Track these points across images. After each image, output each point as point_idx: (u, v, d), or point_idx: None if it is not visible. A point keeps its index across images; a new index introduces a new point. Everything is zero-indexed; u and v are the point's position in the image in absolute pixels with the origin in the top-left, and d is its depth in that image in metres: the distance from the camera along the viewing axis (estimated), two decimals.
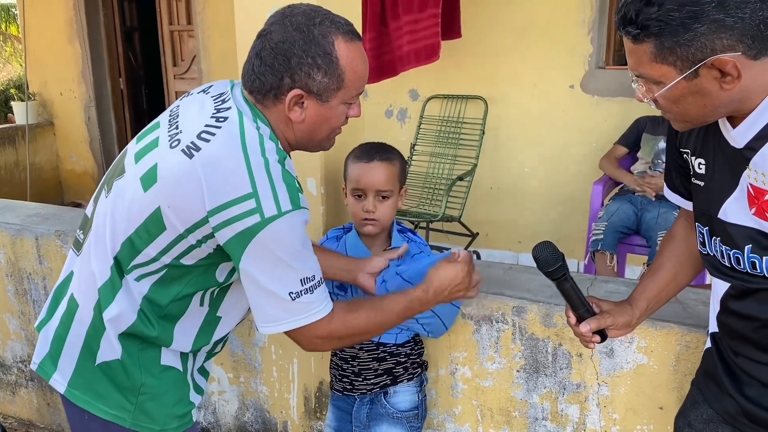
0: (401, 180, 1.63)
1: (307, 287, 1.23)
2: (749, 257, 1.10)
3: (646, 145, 3.44)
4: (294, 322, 1.24)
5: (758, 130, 1.04)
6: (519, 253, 4.25)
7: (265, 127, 1.25)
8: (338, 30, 1.22)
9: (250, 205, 1.15)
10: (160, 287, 1.28)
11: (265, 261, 1.19)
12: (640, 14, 0.99)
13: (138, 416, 1.34)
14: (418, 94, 4.37)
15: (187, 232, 1.20)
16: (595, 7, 3.76)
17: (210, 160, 1.17)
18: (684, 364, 1.57)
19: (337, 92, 1.24)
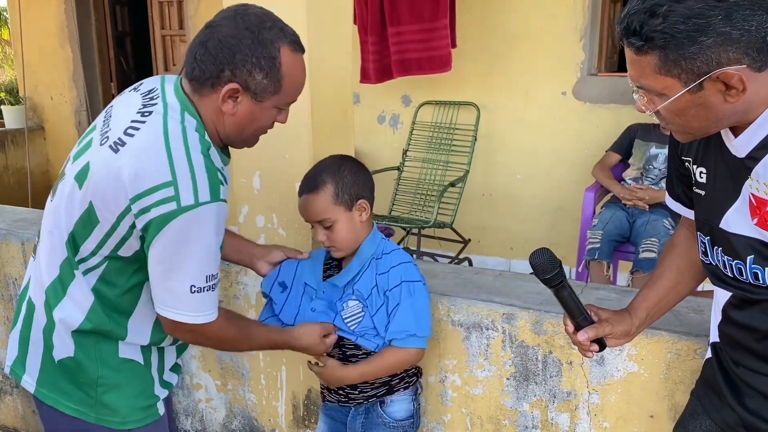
0: (343, 200, 1.53)
1: (209, 284, 1.26)
2: (751, 268, 1.09)
3: (637, 152, 3.45)
4: (184, 316, 1.27)
5: (760, 140, 1.03)
6: (511, 259, 4.24)
7: (191, 119, 1.27)
8: (285, 38, 1.26)
9: (168, 192, 1.18)
10: (105, 281, 1.31)
11: (174, 250, 1.21)
12: (644, 26, 0.96)
13: (100, 410, 1.37)
14: (410, 100, 4.36)
15: (117, 222, 1.23)
16: (587, 14, 3.77)
17: (133, 152, 1.22)
18: (675, 372, 1.56)
19: (272, 95, 1.28)
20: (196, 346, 2.07)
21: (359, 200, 1.57)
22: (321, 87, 1.82)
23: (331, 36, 1.85)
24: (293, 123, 1.81)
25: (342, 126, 1.95)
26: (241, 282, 2.06)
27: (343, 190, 1.54)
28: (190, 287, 1.24)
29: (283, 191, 1.86)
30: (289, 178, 1.86)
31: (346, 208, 1.55)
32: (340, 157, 1.62)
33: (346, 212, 1.55)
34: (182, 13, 5.21)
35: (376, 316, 1.56)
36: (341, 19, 1.89)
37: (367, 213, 1.59)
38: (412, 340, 1.56)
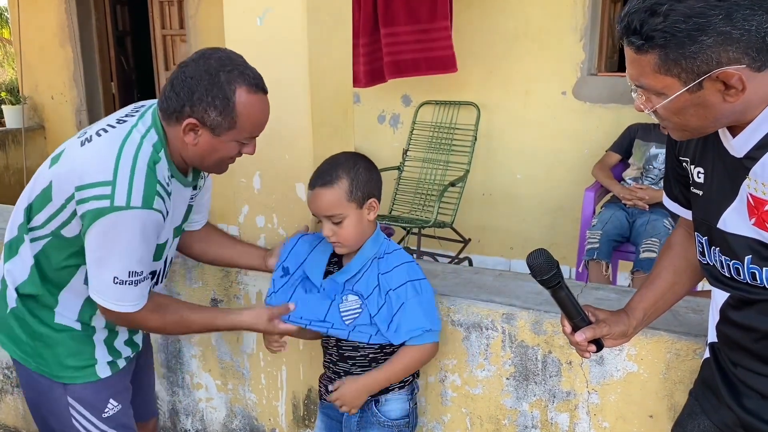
0: (356, 197, 1.54)
1: (132, 279, 1.40)
2: (749, 268, 1.09)
3: (637, 152, 3.45)
4: (111, 305, 1.42)
5: (758, 140, 1.03)
6: (511, 259, 4.24)
7: (154, 135, 1.43)
8: (243, 81, 1.39)
9: (105, 190, 1.33)
10: (46, 252, 1.47)
11: (102, 242, 1.36)
12: (644, 24, 0.96)
13: (38, 360, 1.53)
14: (410, 100, 4.36)
15: (62, 206, 1.39)
16: (588, 14, 3.77)
17: (92, 150, 1.39)
18: (674, 372, 1.56)
19: (228, 131, 1.41)
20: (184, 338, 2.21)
21: (370, 199, 1.58)
22: (321, 87, 1.82)
23: (331, 36, 1.85)
24: (293, 123, 1.82)
25: (342, 126, 1.95)
26: (241, 282, 2.06)
27: (357, 187, 1.54)
28: (113, 278, 1.38)
29: (283, 191, 1.87)
30: (289, 178, 1.86)
31: (358, 206, 1.55)
32: (354, 154, 1.63)
33: (357, 209, 1.55)
34: (183, 13, 5.21)
35: (378, 316, 1.56)
36: (341, 19, 1.90)
37: (375, 212, 1.60)
38: (428, 335, 1.59)
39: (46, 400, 1.57)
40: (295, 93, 1.78)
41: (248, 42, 1.79)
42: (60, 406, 1.56)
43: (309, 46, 1.75)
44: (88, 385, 1.57)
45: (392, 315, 1.56)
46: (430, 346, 1.60)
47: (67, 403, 1.55)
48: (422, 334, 1.57)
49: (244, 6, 1.79)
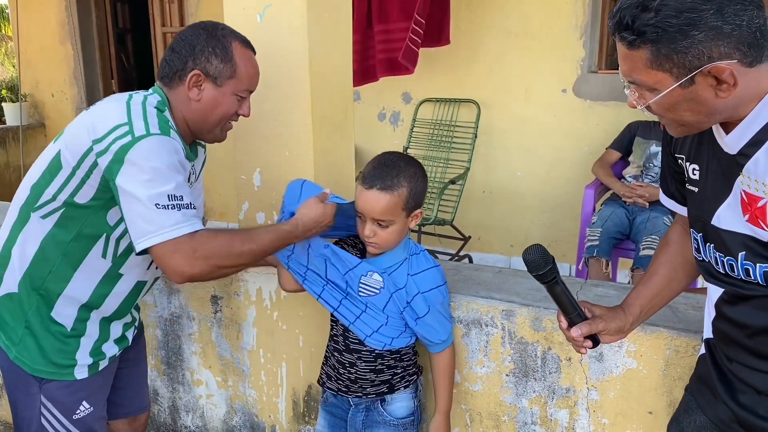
0: (409, 207, 1.53)
1: (173, 203, 1.37)
2: (743, 264, 1.09)
3: (637, 149, 3.45)
4: (161, 236, 1.35)
5: (751, 137, 1.04)
6: (511, 257, 4.24)
7: (157, 96, 1.50)
8: (236, 38, 1.53)
9: (124, 130, 1.38)
10: (61, 225, 1.47)
11: (136, 174, 1.35)
12: (636, 20, 0.96)
13: (21, 350, 1.53)
14: (410, 97, 4.36)
15: (77, 165, 1.41)
16: (588, 11, 3.76)
17: (99, 108, 1.46)
18: (673, 368, 1.57)
19: (229, 79, 1.50)
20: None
21: (418, 209, 1.57)
22: (321, 84, 1.82)
23: (332, 33, 1.85)
24: (294, 120, 1.82)
25: (342, 123, 1.95)
26: (242, 279, 2.07)
27: (413, 197, 1.53)
28: (155, 204, 1.35)
29: (283, 188, 1.86)
30: (289, 175, 1.86)
31: (407, 214, 1.55)
32: (412, 160, 1.59)
33: (405, 218, 1.55)
34: (183, 11, 5.21)
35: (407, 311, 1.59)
36: (341, 16, 1.90)
37: (417, 220, 1.58)
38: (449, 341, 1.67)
39: (21, 393, 1.57)
40: (296, 90, 1.79)
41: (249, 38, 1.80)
42: (32, 402, 1.56)
43: (309, 43, 1.75)
44: (64, 385, 1.56)
45: (417, 317, 1.60)
46: (453, 345, 1.69)
47: (40, 401, 1.55)
48: (446, 339, 1.65)
49: (245, 3, 1.79)
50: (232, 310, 2.12)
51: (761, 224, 1.04)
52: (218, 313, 2.15)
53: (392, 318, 1.60)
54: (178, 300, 2.21)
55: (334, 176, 1.93)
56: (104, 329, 1.62)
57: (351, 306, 1.62)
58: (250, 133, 1.88)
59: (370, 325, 1.61)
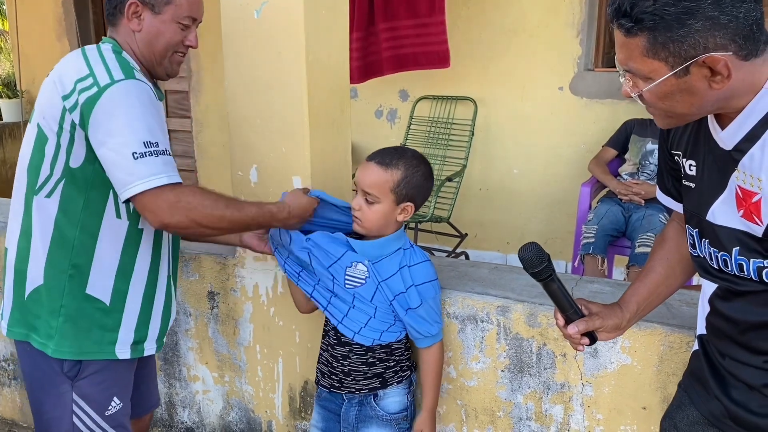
0: (399, 192, 1.56)
1: (150, 150, 1.35)
2: (737, 259, 1.10)
3: (633, 147, 3.46)
4: (141, 185, 1.34)
5: (746, 132, 1.04)
6: (507, 254, 4.25)
7: (108, 44, 1.50)
8: None
9: (88, 82, 1.37)
10: (67, 198, 1.45)
11: (108, 123, 1.35)
12: (635, 7, 0.97)
13: (59, 341, 1.50)
14: (408, 95, 4.36)
15: (60, 128, 1.40)
16: (585, 9, 3.77)
17: (58, 68, 1.45)
18: (667, 364, 1.58)
19: (167, 6, 1.51)
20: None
21: (409, 202, 1.59)
22: (318, 81, 1.83)
23: (329, 30, 1.86)
24: (291, 117, 1.82)
25: (339, 120, 1.96)
26: (238, 275, 2.07)
27: (405, 185, 1.56)
28: (132, 154, 1.34)
29: (279, 185, 1.87)
30: (285, 171, 1.87)
31: (396, 200, 1.57)
32: (422, 158, 1.64)
33: (393, 203, 1.57)
34: None
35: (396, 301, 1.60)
36: (339, 13, 1.90)
37: (406, 216, 1.61)
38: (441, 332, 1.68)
39: (50, 393, 1.55)
40: (293, 86, 1.79)
41: (245, 35, 1.80)
42: (62, 401, 1.54)
43: (306, 40, 1.75)
44: (97, 381, 1.55)
45: (408, 308, 1.61)
46: (441, 342, 1.70)
47: (71, 400, 1.54)
48: (437, 333, 1.66)
49: None
50: (228, 305, 2.13)
51: (755, 219, 1.05)
52: (215, 308, 2.16)
53: (380, 310, 1.61)
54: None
55: (330, 173, 1.93)
56: (146, 303, 1.59)
57: (339, 303, 1.63)
58: (247, 129, 1.89)
59: (357, 321, 1.62)
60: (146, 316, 1.60)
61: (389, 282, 1.60)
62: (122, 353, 1.57)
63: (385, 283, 1.60)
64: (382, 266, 1.61)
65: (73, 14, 5.47)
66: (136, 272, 1.56)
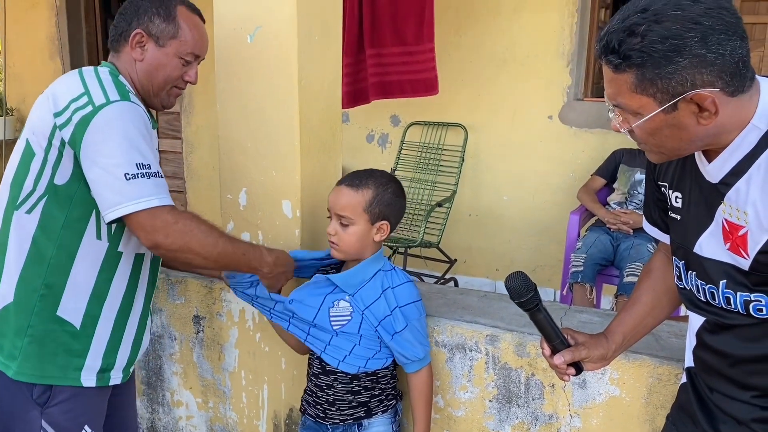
0: (372, 211, 1.57)
1: (142, 172, 1.36)
2: (724, 292, 1.10)
3: (622, 177, 3.49)
4: (131, 206, 1.34)
5: (733, 166, 1.05)
6: (496, 280, 4.25)
7: (106, 67, 1.51)
8: (183, 2, 1.55)
9: (83, 101, 1.37)
10: (48, 215, 1.43)
11: (101, 143, 1.35)
12: (623, 44, 0.98)
13: (22, 362, 1.45)
14: (399, 120, 4.39)
15: (48, 145, 1.39)
16: (575, 40, 3.82)
17: (54, 86, 1.45)
18: (656, 396, 1.57)
19: (171, 40, 1.52)
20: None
21: (384, 221, 1.59)
22: (310, 106, 1.83)
23: (322, 55, 1.87)
24: (282, 141, 1.82)
25: (330, 144, 1.96)
26: (224, 299, 2.05)
27: (377, 203, 1.57)
28: (124, 175, 1.34)
29: (269, 208, 1.86)
30: (275, 195, 1.86)
31: (370, 220, 1.58)
32: (391, 177, 1.66)
33: (367, 223, 1.58)
34: None
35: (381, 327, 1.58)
36: (331, 39, 1.91)
37: (383, 235, 1.61)
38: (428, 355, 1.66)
39: (18, 419, 1.49)
40: (284, 111, 1.79)
41: (238, 59, 1.80)
42: (31, 428, 1.48)
43: (299, 65, 1.76)
44: (66, 409, 1.49)
45: (394, 332, 1.59)
46: (430, 366, 1.68)
47: (40, 427, 1.48)
48: (423, 357, 1.64)
49: (235, 23, 1.80)
50: (214, 330, 2.10)
51: (742, 253, 1.05)
52: (200, 333, 2.13)
53: (366, 337, 1.60)
54: (159, 319, 2.19)
55: (320, 197, 1.93)
56: (118, 329, 1.55)
57: (319, 333, 1.62)
58: (237, 152, 1.88)
59: (341, 348, 1.60)
60: (116, 342, 1.56)
61: (372, 308, 1.58)
62: (88, 380, 1.51)
63: (369, 310, 1.58)
64: (364, 293, 1.59)
65: (66, 34, 5.48)
66: (111, 296, 1.52)
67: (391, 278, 1.62)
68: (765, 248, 1.03)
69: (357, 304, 1.59)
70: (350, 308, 1.59)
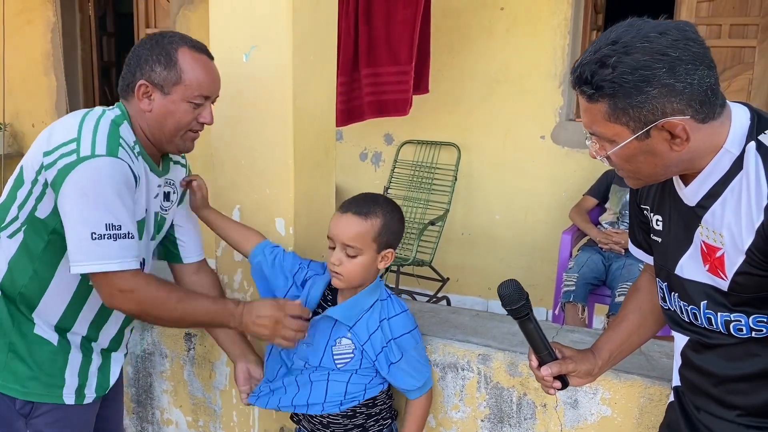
0: (380, 240, 1.51)
1: (110, 233, 1.35)
2: (705, 313, 1.12)
3: (614, 196, 3.51)
4: (94, 266, 1.35)
5: (708, 189, 1.08)
6: (489, 299, 4.25)
7: (117, 110, 1.49)
8: (185, 43, 1.49)
9: (71, 147, 1.36)
10: (27, 243, 1.45)
11: (76, 197, 1.34)
12: (595, 75, 1.02)
13: (6, 376, 1.46)
14: (392, 139, 4.41)
15: (35, 179, 1.40)
16: (567, 61, 3.87)
17: (57, 123, 1.45)
18: (647, 417, 1.57)
19: (175, 86, 1.47)
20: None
21: (390, 249, 1.55)
22: (304, 124, 1.84)
23: (317, 74, 1.88)
24: (275, 158, 1.83)
25: (324, 163, 1.97)
26: None
27: (386, 232, 1.52)
28: (91, 234, 1.34)
29: (262, 226, 1.87)
30: (269, 213, 1.86)
31: (377, 249, 1.52)
32: (393, 202, 1.61)
33: (374, 252, 1.52)
34: None
35: (378, 361, 1.56)
36: (326, 58, 1.93)
37: (387, 263, 1.56)
38: (428, 382, 1.64)
39: (6, 429, 1.50)
40: (279, 129, 1.80)
41: (234, 77, 1.82)
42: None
43: (294, 84, 1.77)
44: (51, 421, 1.51)
45: (390, 363, 1.56)
46: (430, 391, 1.65)
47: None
48: (422, 386, 1.61)
49: (231, 42, 1.82)
50: (205, 348, 2.09)
51: (720, 274, 1.08)
52: (191, 350, 2.12)
53: (363, 367, 1.58)
54: (150, 336, 2.18)
55: (313, 215, 1.93)
56: (86, 348, 1.56)
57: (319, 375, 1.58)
58: (231, 169, 1.89)
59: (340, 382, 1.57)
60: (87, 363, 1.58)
61: (372, 340, 1.55)
62: (68, 398, 1.53)
63: (368, 344, 1.55)
64: (363, 325, 1.56)
65: (61, 50, 5.50)
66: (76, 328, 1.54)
67: (387, 308, 1.58)
68: (741, 269, 1.05)
69: (356, 340, 1.55)
70: (352, 345, 1.56)
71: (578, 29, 3.88)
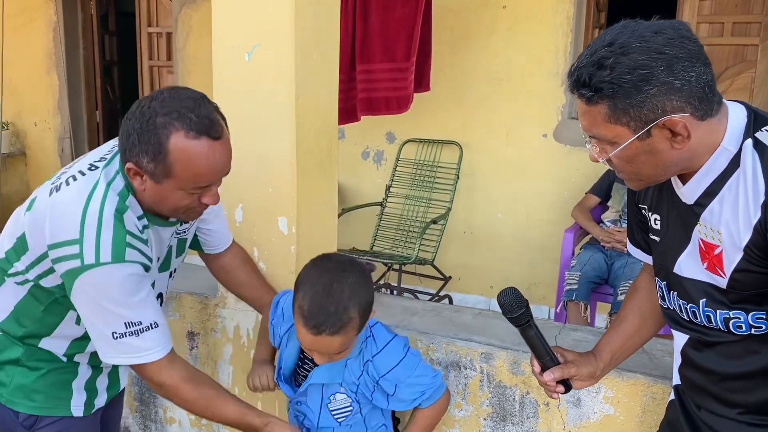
0: (361, 326, 1.41)
1: (132, 330, 1.32)
2: (704, 311, 1.13)
3: (616, 195, 3.51)
4: (122, 359, 1.36)
5: (706, 187, 1.08)
6: (491, 298, 4.24)
7: (120, 182, 1.35)
8: (182, 125, 1.24)
9: (74, 249, 1.28)
10: (34, 295, 1.41)
11: (87, 302, 1.32)
12: (593, 77, 1.01)
13: (13, 391, 1.45)
14: (394, 137, 4.41)
15: (39, 258, 1.35)
16: (569, 59, 3.86)
17: (58, 203, 1.32)
18: (650, 415, 1.57)
19: (166, 179, 1.29)
20: None
21: (369, 319, 1.45)
22: (307, 123, 1.84)
23: (319, 73, 1.88)
24: (278, 158, 1.83)
25: (326, 162, 1.97)
26: (219, 315, 2.04)
27: (364, 317, 1.40)
28: (112, 334, 1.32)
29: (265, 225, 1.87)
30: (272, 211, 1.86)
31: (359, 330, 1.42)
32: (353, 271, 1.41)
33: (357, 334, 1.43)
34: (171, 45, 5.25)
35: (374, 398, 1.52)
36: (329, 57, 1.93)
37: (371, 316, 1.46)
38: (437, 391, 1.56)
39: None
40: (281, 128, 1.80)
41: (236, 76, 1.82)
42: None
43: (296, 83, 1.77)
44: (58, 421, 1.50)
45: (388, 396, 1.52)
46: (443, 399, 1.58)
47: None
48: (431, 395, 1.54)
49: (233, 41, 1.82)
50: (208, 347, 2.09)
51: (718, 271, 1.08)
52: (194, 349, 2.12)
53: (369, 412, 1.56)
54: None
55: (316, 214, 1.94)
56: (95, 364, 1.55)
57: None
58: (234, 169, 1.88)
59: None
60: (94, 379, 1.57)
61: (361, 385, 1.51)
62: (77, 410, 1.52)
63: (360, 389, 1.51)
64: (349, 374, 1.50)
65: (63, 49, 5.50)
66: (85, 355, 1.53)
67: (370, 348, 1.50)
68: (740, 266, 1.06)
69: (350, 390, 1.52)
70: (348, 399, 1.52)
71: (581, 27, 3.88)
